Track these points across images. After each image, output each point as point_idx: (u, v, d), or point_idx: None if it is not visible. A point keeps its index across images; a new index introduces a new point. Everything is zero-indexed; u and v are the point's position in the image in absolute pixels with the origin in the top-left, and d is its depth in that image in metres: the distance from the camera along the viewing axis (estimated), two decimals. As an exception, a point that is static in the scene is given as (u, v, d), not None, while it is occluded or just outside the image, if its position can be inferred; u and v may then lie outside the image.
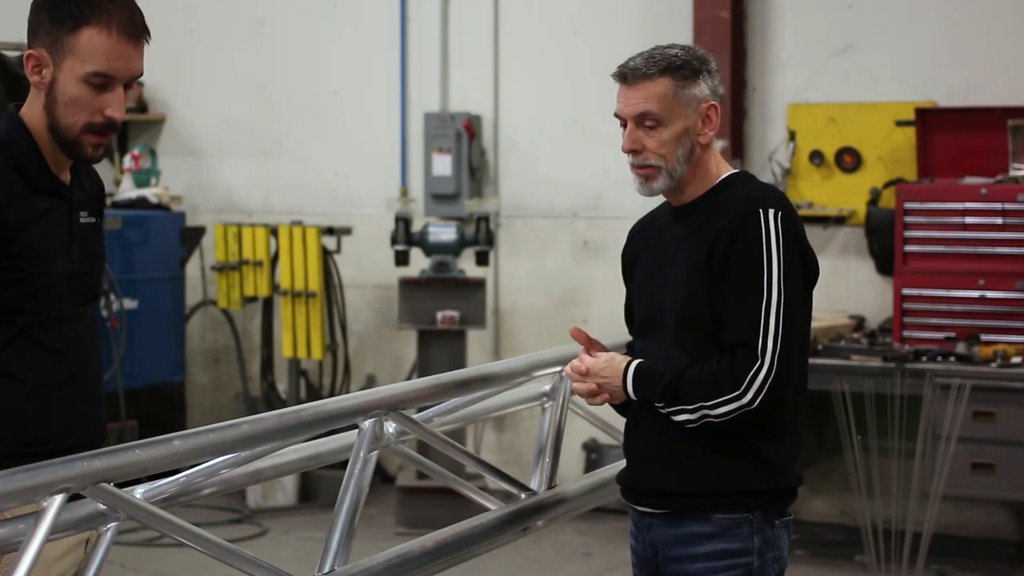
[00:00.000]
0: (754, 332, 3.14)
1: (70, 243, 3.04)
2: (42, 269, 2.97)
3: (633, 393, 3.26)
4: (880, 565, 6.39)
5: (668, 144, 3.25)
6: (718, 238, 3.20)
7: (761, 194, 3.27)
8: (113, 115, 2.95)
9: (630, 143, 3.28)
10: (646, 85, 3.25)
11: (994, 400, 6.68)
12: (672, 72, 3.25)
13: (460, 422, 3.82)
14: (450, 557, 3.37)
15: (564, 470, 3.86)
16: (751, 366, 3.13)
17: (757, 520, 3.25)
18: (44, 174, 3.00)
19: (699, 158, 3.30)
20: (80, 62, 2.91)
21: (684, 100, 3.25)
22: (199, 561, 3.03)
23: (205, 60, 9.45)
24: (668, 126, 3.25)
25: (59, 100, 2.94)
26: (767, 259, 3.16)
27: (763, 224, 3.18)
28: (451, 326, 8.12)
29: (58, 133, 2.97)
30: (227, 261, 8.58)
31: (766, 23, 8.07)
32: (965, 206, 7.06)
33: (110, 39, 2.92)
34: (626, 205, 8.06)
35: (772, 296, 3.15)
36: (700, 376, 3.17)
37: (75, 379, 3.06)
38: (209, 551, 2.81)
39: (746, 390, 3.13)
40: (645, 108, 3.25)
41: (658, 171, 3.27)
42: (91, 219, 3.13)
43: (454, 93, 8.85)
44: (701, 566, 3.26)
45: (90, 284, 3.14)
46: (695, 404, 3.17)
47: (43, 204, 2.98)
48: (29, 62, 2.96)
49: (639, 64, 3.27)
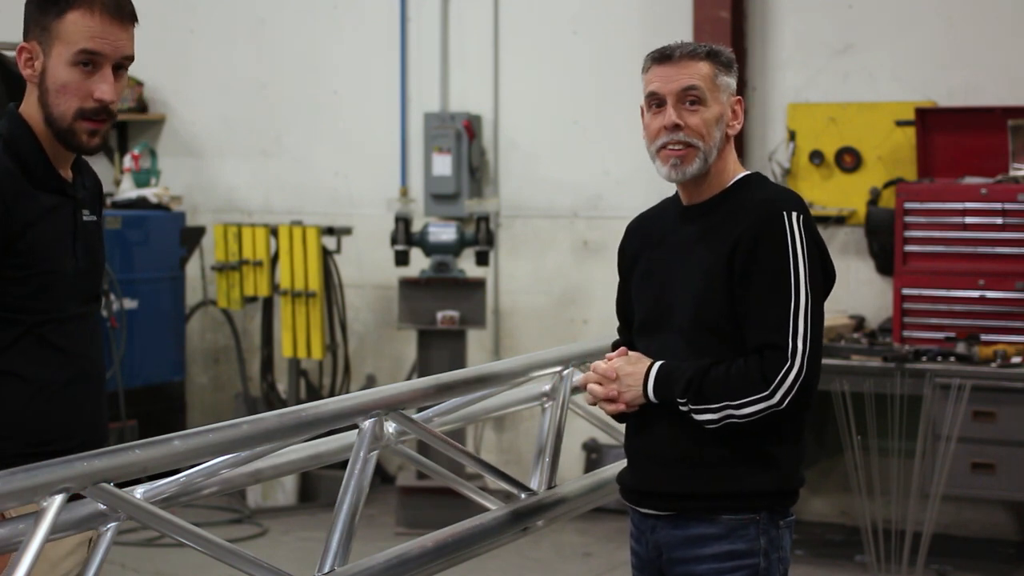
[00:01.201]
0: (783, 333, 3.13)
1: (75, 241, 3.05)
2: (48, 267, 2.98)
3: (653, 394, 3.24)
4: (880, 565, 6.39)
5: (709, 123, 3.26)
6: (740, 240, 3.19)
7: (781, 196, 3.27)
8: (104, 97, 2.96)
9: (674, 117, 3.25)
10: (691, 64, 3.26)
11: (994, 400, 6.68)
12: (713, 57, 3.28)
13: (460, 422, 3.82)
14: (450, 557, 3.37)
15: (564, 470, 3.86)
16: (781, 367, 3.12)
17: (763, 521, 3.25)
18: (48, 171, 3.01)
19: (724, 151, 3.31)
20: (66, 45, 2.94)
21: (722, 86, 3.29)
22: (199, 561, 3.03)
23: (205, 60, 9.45)
24: (709, 107, 3.26)
25: (50, 88, 2.97)
26: (793, 262, 3.17)
27: (787, 227, 3.19)
28: (451, 326, 8.12)
29: (53, 124, 2.98)
30: (227, 261, 8.58)
31: (766, 23, 8.07)
32: (965, 206, 7.06)
33: (94, 18, 2.95)
34: (626, 205, 8.05)
35: (800, 298, 3.16)
36: (727, 375, 3.15)
37: (80, 379, 3.06)
38: (209, 551, 2.81)
39: (775, 391, 3.12)
40: (691, 83, 3.25)
41: (695, 152, 3.25)
42: (92, 217, 3.14)
43: (454, 93, 8.86)
44: (708, 567, 3.25)
45: (93, 283, 3.15)
46: (720, 403, 3.15)
47: (48, 201, 3.00)
48: (22, 56, 2.99)
49: (679, 45, 3.30)
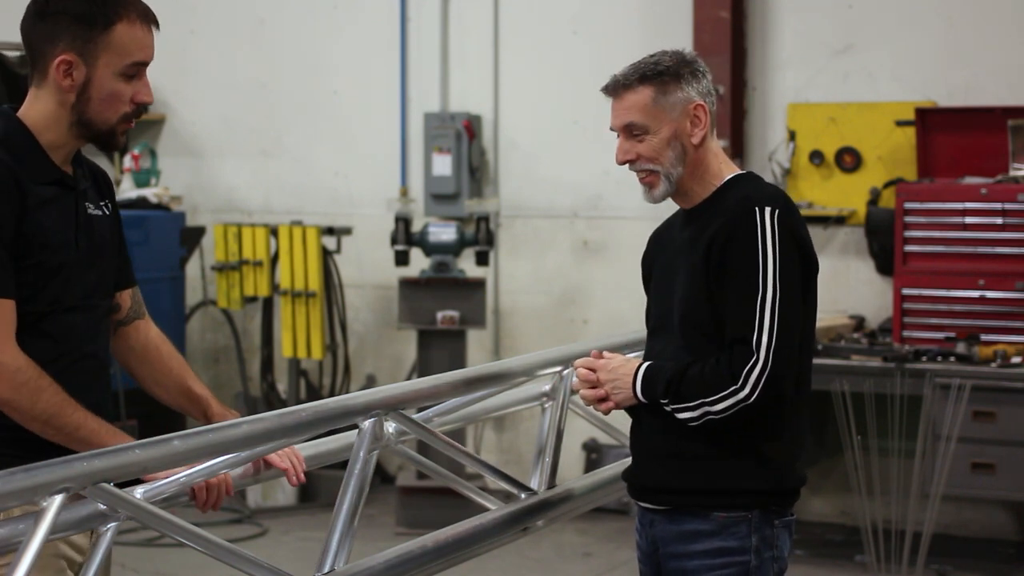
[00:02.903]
0: (749, 328, 3.17)
1: (76, 232, 3.06)
2: (46, 256, 2.99)
3: (641, 395, 3.29)
4: (880, 565, 6.39)
5: (658, 147, 3.31)
6: (714, 238, 3.24)
7: (758, 193, 3.30)
8: (146, 99, 3.10)
9: (622, 155, 3.35)
10: (628, 96, 3.31)
11: (994, 400, 6.68)
12: (652, 79, 3.30)
13: (460, 422, 3.83)
14: (450, 557, 3.37)
15: (564, 470, 3.87)
16: (747, 361, 3.16)
17: (756, 519, 3.28)
18: (44, 164, 3.04)
19: (695, 159, 3.33)
20: (118, 56, 3.02)
21: (667, 106, 3.30)
22: (199, 561, 3.03)
23: (205, 60, 9.45)
24: (655, 133, 3.30)
25: (94, 97, 3.03)
26: (762, 256, 3.19)
27: (758, 222, 3.21)
28: (451, 326, 8.12)
29: (91, 128, 3.05)
30: (227, 261, 8.58)
31: (766, 23, 8.07)
32: (965, 206, 7.06)
33: (139, 29, 3.05)
34: (626, 205, 8.06)
35: (767, 292, 3.18)
36: (701, 374, 3.20)
37: (80, 373, 3.05)
38: (209, 551, 2.81)
39: (743, 384, 3.16)
40: (629, 119, 3.31)
41: (656, 176, 3.32)
42: (98, 211, 3.15)
43: (454, 93, 8.86)
44: (699, 563, 3.29)
45: (100, 276, 3.15)
46: (696, 401, 3.20)
47: (45, 193, 3.02)
48: (60, 67, 3.02)
49: (620, 76, 3.34)
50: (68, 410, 2.92)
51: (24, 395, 2.89)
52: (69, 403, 2.93)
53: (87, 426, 2.93)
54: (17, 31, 3.06)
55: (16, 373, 2.89)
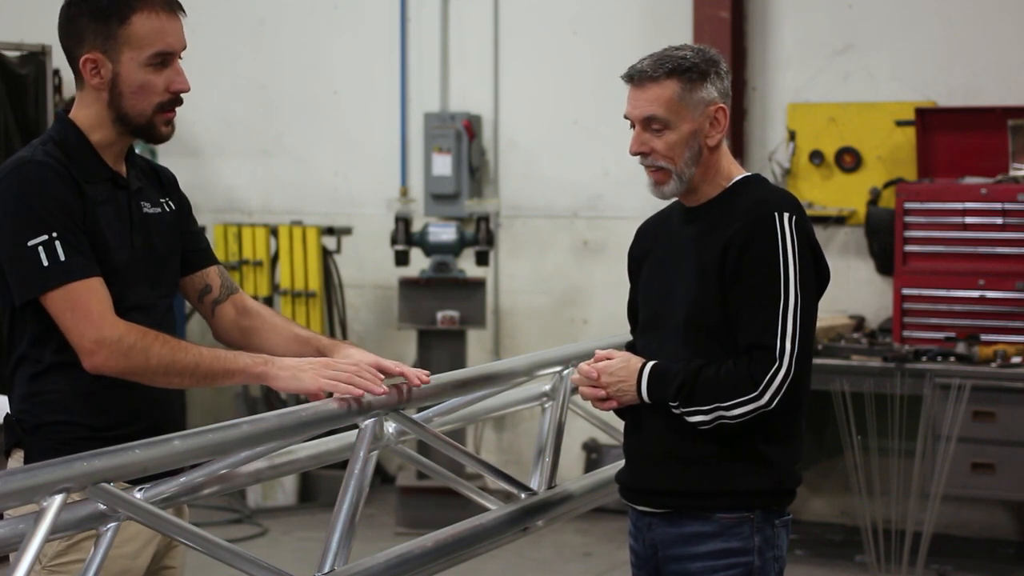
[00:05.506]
0: (771, 334, 3.15)
1: (131, 231, 3.10)
2: (104, 256, 3.02)
3: (647, 395, 3.26)
4: (880, 565, 6.39)
5: (676, 147, 3.26)
6: (732, 240, 3.21)
7: (774, 197, 3.28)
8: (181, 87, 3.15)
9: (637, 145, 3.29)
10: (653, 88, 3.25)
11: (994, 400, 6.68)
12: (679, 75, 3.25)
13: (460, 422, 3.83)
14: (450, 557, 3.37)
15: (564, 470, 3.86)
16: (769, 367, 3.14)
17: (758, 520, 3.27)
18: (97, 164, 3.08)
19: (708, 160, 3.31)
20: (139, 49, 3.06)
21: (691, 103, 3.26)
22: (199, 561, 3.03)
23: (205, 60, 9.44)
24: (675, 129, 3.26)
25: (125, 92, 3.07)
26: (783, 263, 3.17)
27: (778, 228, 3.19)
28: (451, 326, 8.12)
29: (130, 122, 3.09)
30: (227, 261, 8.58)
31: (766, 23, 8.07)
32: (965, 206, 7.06)
33: (158, 18, 3.09)
34: (626, 205, 8.07)
35: (789, 299, 3.16)
36: (717, 377, 3.17)
37: None
38: (209, 551, 2.81)
39: (763, 391, 3.14)
40: (651, 112, 3.26)
41: (668, 174, 3.28)
42: (156, 209, 3.19)
43: (454, 93, 8.86)
44: (702, 565, 3.27)
45: (159, 273, 3.18)
46: (711, 405, 3.18)
47: (98, 192, 3.06)
48: (87, 67, 3.06)
49: (647, 66, 3.27)
50: (180, 355, 3.00)
51: (136, 359, 2.95)
52: (179, 347, 3.00)
53: (204, 362, 3.01)
54: (17, 31, 3.08)
55: (119, 342, 2.94)
